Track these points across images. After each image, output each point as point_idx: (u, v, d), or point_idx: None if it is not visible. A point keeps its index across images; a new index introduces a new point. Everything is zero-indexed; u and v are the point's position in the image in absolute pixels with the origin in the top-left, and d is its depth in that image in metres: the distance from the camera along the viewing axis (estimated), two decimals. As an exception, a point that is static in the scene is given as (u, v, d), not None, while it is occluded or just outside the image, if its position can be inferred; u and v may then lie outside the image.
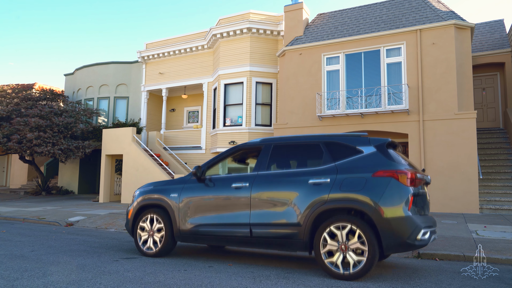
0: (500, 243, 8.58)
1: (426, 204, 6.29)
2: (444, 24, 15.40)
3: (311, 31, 18.93)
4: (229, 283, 5.45)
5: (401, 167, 5.79)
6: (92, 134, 23.81)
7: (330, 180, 5.96)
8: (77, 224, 13.36)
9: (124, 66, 25.55)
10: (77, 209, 16.81)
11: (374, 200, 5.60)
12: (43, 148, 20.81)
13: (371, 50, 16.67)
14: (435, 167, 14.97)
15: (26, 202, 20.60)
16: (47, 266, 6.31)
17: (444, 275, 6.16)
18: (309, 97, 17.64)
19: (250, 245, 6.52)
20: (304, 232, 5.94)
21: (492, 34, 21.12)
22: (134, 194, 7.95)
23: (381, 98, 16.08)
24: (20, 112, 22.84)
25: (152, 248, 7.34)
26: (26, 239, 9.48)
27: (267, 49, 20.33)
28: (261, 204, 6.37)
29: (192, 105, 25.47)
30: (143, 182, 18.95)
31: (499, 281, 5.81)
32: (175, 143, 22.89)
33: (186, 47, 22.72)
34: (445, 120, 15.06)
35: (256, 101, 19.78)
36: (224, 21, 20.96)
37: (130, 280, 5.53)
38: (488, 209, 14.14)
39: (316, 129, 17.22)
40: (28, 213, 15.51)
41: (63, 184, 26.41)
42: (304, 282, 5.53)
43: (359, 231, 5.59)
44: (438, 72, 15.36)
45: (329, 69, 17.45)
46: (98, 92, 25.50)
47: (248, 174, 6.72)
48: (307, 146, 6.63)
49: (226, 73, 20.40)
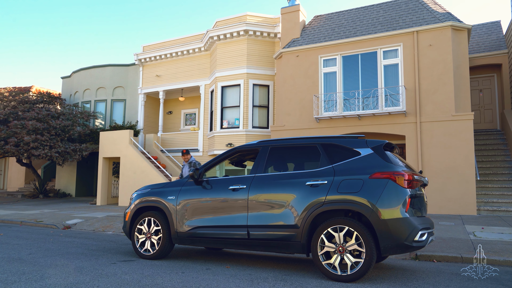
0: (497, 244, 8.60)
1: (423, 205, 6.30)
2: (441, 26, 15.44)
3: (308, 33, 18.96)
4: (226, 285, 5.44)
5: (398, 168, 5.80)
6: (90, 137, 23.77)
7: (327, 182, 5.96)
8: (74, 227, 13.33)
9: (121, 68, 25.53)
10: (75, 212, 16.78)
11: (371, 201, 5.60)
12: (40, 151, 20.76)
13: (368, 52, 16.70)
14: (432, 169, 14.98)
15: (24, 205, 20.54)
16: (45, 269, 6.29)
17: (442, 276, 6.17)
18: (306, 99, 17.65)
19: (247, 247, 6.52)
20: (302, 234, 5.94)
21: (489, 35, 21.19)
22: (132, 196, 7.95)
23: (378, 100, 16.10)
24: (17, 115, 22.78)
25: (150, 250, 7.33)
26: (24, 242, 9.45)
27: (264, 51, 20.35)
28: (258, 206, 6.37)
29: (189, 107, 25.45)
30: (140, 184, 18.92)
31: (497, 282, 5.82)
32: (173, 146, 22.87)
33: (183, 49, 22.71)
34: (442, 122, 15.09)
35: (253, 103, 19.78)
36: (221, 23, 20.97)
37: (128, 282, 5.52)
38: (486, 211, 14.16)
39: (313, 131, 17.23)
40: (25, 216, 15.47)
41: (61, 187, 26.34)
42: (302, 284, 5.53)
43: (356, 233, 5.59)
44: (435, 73, 15.39)
45: (326, 71, 17.47)
46: (95, 94, 25.46)
47: (245, 176, 6.72)
48: (304, 148, 6.64)
49: (223, 75, 20.40)
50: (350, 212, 6.01)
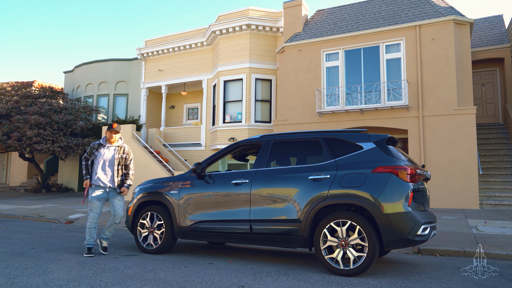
0: (500, 238, 8.59)
1: (426, 199, 6.29)
2: (443, 20, 15.38)
3: (310, 27, 18.90)
4: (229, 279, 5.45)
5: (401, 163, 5.79)
6: (92, 131, 23.78)
7: (330, 176, 5.96)
8: (77, 221, 13.37)
9: (124, 63, 25.51)
10: (77, 206, 16.82)
11: (374, 196, 5.60)
12: (42, 146, 20.79)
13: (371, 46, 16.65)
14: (435, 163, 14.97)
15: (26, 199, 20.60)
16: (48, 264, 6.31)
17: (445, 271, 6.17)
18: (308, 93, 17.62)
19: (250, 241, 6.53)
20: (304, 228, 5.94)
21: (491, 29, 21.09)
22: (134, 191, 7.96)
23: (381, 94, 16.07)
24: (19, 110, 22.81)
25: (152, 245, 7.35)
26: (26, 237, 9.48)
27: (266, 45, 20.30)
28: (261, 200, 6.37)
29: (192, 102, 25.43)
30: (143, 179, 18.91)
31: (500, 276, 5.82)
32: (175, 140, 22.88)
33: (185, 44, 22.69)
34: (444, 116, 15.05)
35: (255, 98, 19.76)
36: (223, 18, 20.92)
37: (131, 277, 5.54)
38: (488, 205, 14.15)
39: (315, 125, 17.21)
40: (28, 211, 15.52)
41: (63, 181, 26.38)
42: (305, 279, 5.54)
43: (359, 227, 5.59)
44: (437, 68, 15.34)
45: (328, 65, 17.43)
46: (98, 89, 25.47)
47: (248, 171, 6.72)
48: (306, 142, 6.64)
49: (225, 70, 20.38)
50: (352, 206, 6.00)
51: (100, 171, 7.33)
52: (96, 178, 7.32)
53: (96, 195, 7.29)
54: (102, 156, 7.38)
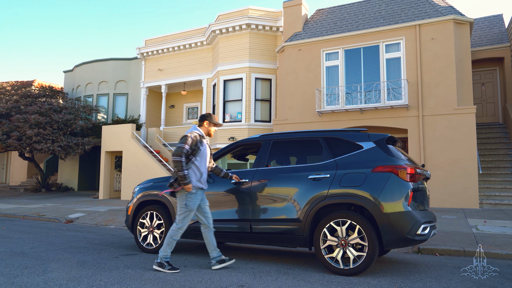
0: (500, 238, 8.59)
1: (425, 199, 6.29)
2: (443, 19, 15.38)
3: (310, 26, 18.90)
4: (229, 279, 5.45)
5: (401, 162, 5.79)
6: (92, 130, 23.78)
7: (329, 175, 5.96)
8: (77, 221, 13.36)
9: (123, 62, 25.52)
10: (77, 206, 16.82)
11: (373, 195, 5.60)
12: (42, 145, 20.79)
13: (370, 45, 16.65)
14: (434, 162, 14.96)
15: (26, 199, 20.60)
16: (47, 263, 6.31)
17: (445, 270, 6.17)
18: (308, 92, 17.62)
19: (250, 241, 6.53)
20: (304, 228, 5.94)
21: (491, 29, 21.09)
22: (134, 190, 7.96)
23: (381, 94, 16.06)
24: (19, 109, 22.81)
25: (152, 244, 7.35)
26: (26, 236, 9.48)
27: (266, 45, 20.30)
28: (261, 199, 6.37)
29: (192, 101, 25.43)
30: (142, 178, 18.93)
31: (500, 276, 5.82)
32: (175, 140, 22.87)
33: (185, 43, 22.68)
34: (444, 115, 15.05)
35: (255, 97, 19.76)
36: (223, 17, 20.92)
37: (131, 276, 5.54)
38: (488, 204, 14.15)
39: (315, 124, 17.21)
40: (28, 210, 15.52)
41: (63, 181, 26.39)
42: (305, 278, 5.54)
43: (359, 226, 5.59)
44: (437, 67, 15.34)
45: (328, 64, 17.42)
46: (98, 88, 25.48)
47: (247, 170, 6.72)
48: (306, 141, 6.64)
49: (225, 69, 20.37)
50: (352, 206, 6.00)
51: (205, 170, 6.18)
52: (202, 179, 6.12)
53: (198, 202, 6.12)
54: (205, 152, 6.19)
